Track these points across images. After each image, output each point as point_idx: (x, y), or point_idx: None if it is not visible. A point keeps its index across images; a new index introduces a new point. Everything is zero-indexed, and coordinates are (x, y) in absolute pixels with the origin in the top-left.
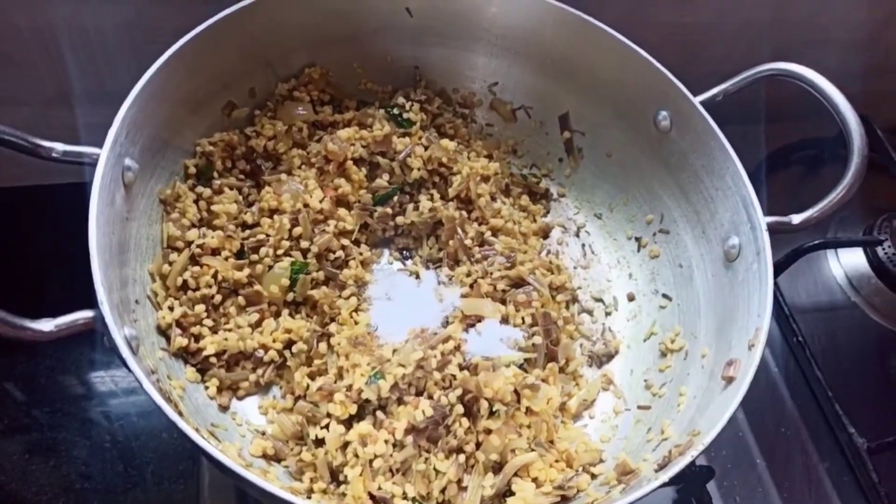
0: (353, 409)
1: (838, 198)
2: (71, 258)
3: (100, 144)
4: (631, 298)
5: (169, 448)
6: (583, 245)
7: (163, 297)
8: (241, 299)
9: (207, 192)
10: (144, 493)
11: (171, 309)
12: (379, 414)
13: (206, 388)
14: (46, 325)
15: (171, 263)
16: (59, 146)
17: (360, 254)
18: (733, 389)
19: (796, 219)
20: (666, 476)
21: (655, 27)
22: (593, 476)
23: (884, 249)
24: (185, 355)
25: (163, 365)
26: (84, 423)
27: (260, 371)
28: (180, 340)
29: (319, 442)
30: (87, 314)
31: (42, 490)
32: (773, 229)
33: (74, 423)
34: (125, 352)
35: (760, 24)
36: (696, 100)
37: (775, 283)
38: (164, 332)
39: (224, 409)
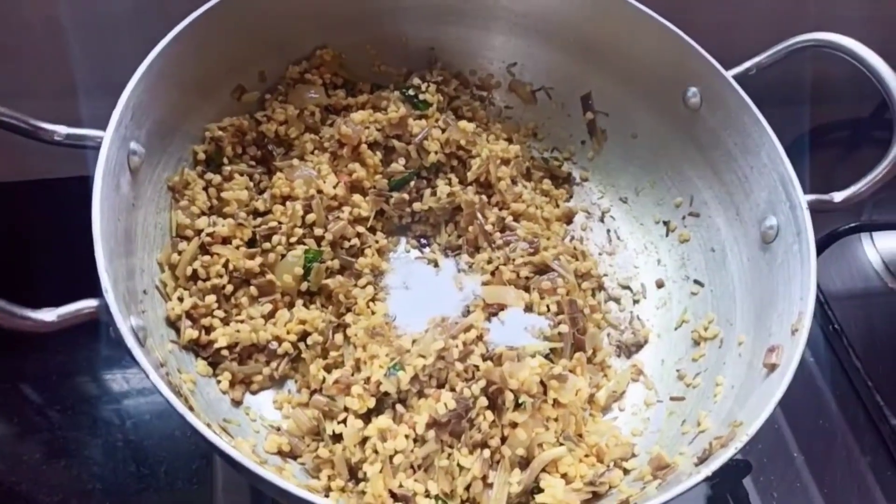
0: (372, 403)
1: (883, 173)
2: (76, 253)
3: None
4: (660, 285)
5: (182, 447)
6: (608, 230)
7: (172, 287)
8: (253, 289)
9: (217, 178)
10: (157, 494)
11: (180, 300)
12: (399, 407)
13: (219, 382)
14: (48, 314)
15: (180, 253)
16: (62, 129)
17: (376, 241)
18: (777, 377)
19: (838, 197)
20: (709, 470)
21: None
22: (626, 471)
23: None
24: (195, 348)
25: (173, 358)
26: (96, 422)
27: (274, 364)
28: (190, 332)
29: (337, 437)
30: (91, 303)
31: (53, 491)
32: (813, 208)
33: (86, 422)
34: (131, 342)
35: None
36: (728, 74)
37: None
38: (173, 323)
39: (237, 403)
